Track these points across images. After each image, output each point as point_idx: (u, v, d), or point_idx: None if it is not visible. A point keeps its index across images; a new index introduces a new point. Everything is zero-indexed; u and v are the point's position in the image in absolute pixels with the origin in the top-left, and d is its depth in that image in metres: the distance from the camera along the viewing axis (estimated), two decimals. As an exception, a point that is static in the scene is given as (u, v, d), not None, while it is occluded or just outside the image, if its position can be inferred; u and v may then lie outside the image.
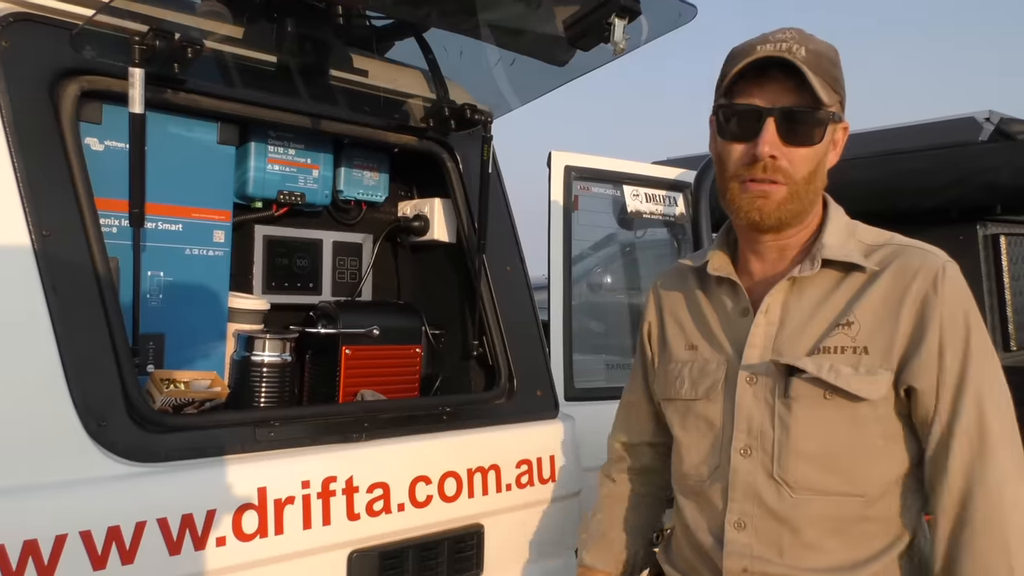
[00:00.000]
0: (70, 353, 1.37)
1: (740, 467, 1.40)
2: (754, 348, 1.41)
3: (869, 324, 1.34)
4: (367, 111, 1.99)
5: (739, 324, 1.46)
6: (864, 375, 1.31)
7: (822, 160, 1.38)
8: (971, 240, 3.58)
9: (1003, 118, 3.52)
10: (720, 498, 1.43)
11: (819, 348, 1.35)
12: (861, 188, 3.61)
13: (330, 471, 1.61)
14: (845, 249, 1.39)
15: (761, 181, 1.36)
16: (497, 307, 2.08)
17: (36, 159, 1.41)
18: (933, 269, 1.33)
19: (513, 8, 1.83)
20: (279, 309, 2.12)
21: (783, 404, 1.37)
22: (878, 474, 1.33)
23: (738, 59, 1.37)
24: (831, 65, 1.35)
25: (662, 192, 3.26)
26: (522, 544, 1.94)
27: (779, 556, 1.36)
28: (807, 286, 1.41)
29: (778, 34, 1.36)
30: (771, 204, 1.37)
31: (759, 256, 1.48)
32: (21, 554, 1.24)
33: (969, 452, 1.27)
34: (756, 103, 1.35)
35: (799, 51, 1.32)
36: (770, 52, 1.33)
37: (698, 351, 1.52)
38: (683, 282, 1.61)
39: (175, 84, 1.65)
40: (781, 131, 1.34)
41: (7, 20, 1.43)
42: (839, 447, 1.33)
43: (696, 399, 1.49)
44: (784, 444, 1.36)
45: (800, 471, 1.35)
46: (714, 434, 1.45)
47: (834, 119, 1.36)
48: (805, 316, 1.39)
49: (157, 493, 1.41)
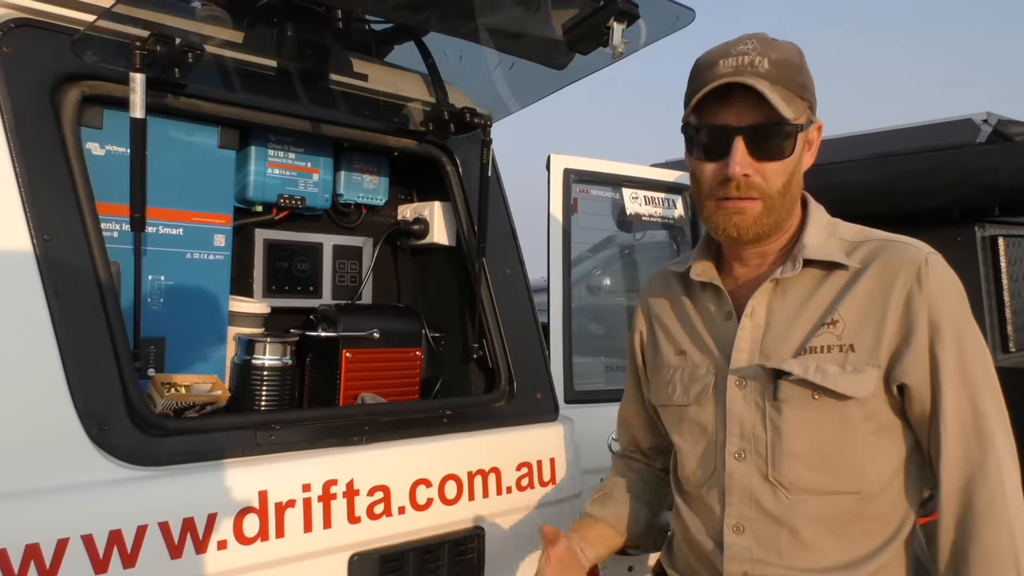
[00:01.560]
0: (71, 357, 1.37)
1: (735, 471, 1.41)
2: (741, 352, 1.42)
3: (854, 322, 1.34)
4: (367, 115, 1.99)
5: (724, 328, 1.47)
6: (851, 373, 1.32)
7: (795, 169, 1.39)
8: (969, 242, 3.59)
9: (1000, 119, 3.53)
10: (717, 502, 1.43)
11: (805, 348, 1.36)
12: (859, 190, 3.62)
13: (331, 474, 1.61)
14: (826, 248, 1.40)
15: (735, 199, 1.36)
16: (497, 310, 2.08)
17: (37, 164, 1.42)
18: (916, 263, 1.33)
19: (512, 12, 1.84)
20: (279, 313, 2.12)
21: (773, 407, 1.37)
22: (874, 471, 1.34)
23: (701, 74, 1.37)
24: (796, 72, 1.35)
25: (661, 194, 3.27)
26: (523, 546, 1.94)
27: (778, 558, 1.37)
28: (790, 287, 1.41)
29: (740, 46, 1.34)
30: (748, 219, 1.37)
31: (741, 261, 1.49)
32: (23, 558, 1.25)
33: (966, 442, 1.28)
34: (724, 122, 1.34)
35: (762, 64, 1.31)
36: (731, 72, 1.32)
37: (687, 356, 1.52)
38: (668, 288, 1.62)
39: (176, 89, 1.65)
40: (751, 147, 1.33)
41: (8, 26, 1.44)
42: (831, 446, 1.34)
43: (688, 405, 1.49)
44: (777, 446, 1.37)
45: (794, 472, 1.36)
46: (707, 439, 1.46)
47: (803, 129, 1.36)
48: (790, 317, 1.40)
49: (158, 497, 1.41)
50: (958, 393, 1.29)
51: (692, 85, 1.39)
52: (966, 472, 1.28)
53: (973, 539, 1.26)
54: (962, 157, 3.51)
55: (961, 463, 1.28)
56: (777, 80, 1.31)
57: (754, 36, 1.36)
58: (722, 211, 1.38)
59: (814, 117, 1.41)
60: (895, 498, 1.36)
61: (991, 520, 1.25)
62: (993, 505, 1.26)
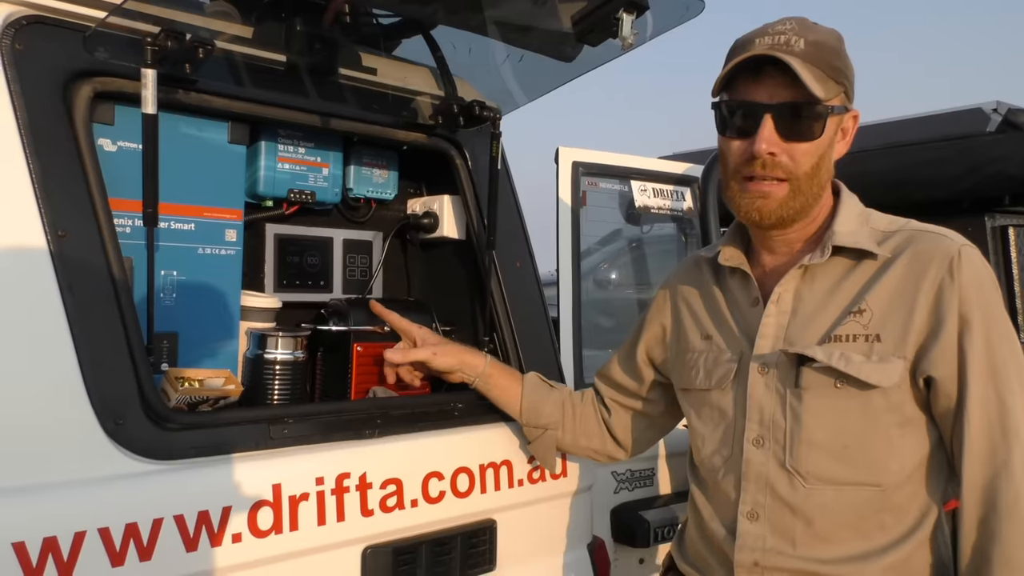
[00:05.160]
0: (87, 352, 1.38)
1: (753, 457, 1.40)
2: (765, 338, 1.41)
3: (882, 311, 1.33)
4: (376, 109, 1.99)
5: (750, 314, 1.46)
6: (876, 363, 1.30)
7: (826, 153, 1.37)
8: (979, 231, 3.57)
9: (1011, 109, 3.51)
10: (733, 488, 1.43)
11: (830, 336, 1.35)
12: (869, 180, 3.60)
13: (344, 468, 1.62)
14: (856, 236, 1.38)
15: (761, 179, 1.35)
16: (507, 303, 2.08)
17: (51, 161, 1.42)
18: (948, 254, 1.31)
19: (521, 4, 1.83)
20: (290, 307, 2.13)
21: (794, 394, 1.36)
22: (895, 464, 1.33)
23: (736, 53, 1.36)
24: (833, 55, 1.33)
25: (670, 187, 3.26)
26: (535, 539, 1.94)
27: (792, 547, 1.36)
28: (818, 274, 1.40)
29: (778, 26, 1.34)
30: (771, 204, 1.36)
31: (768, 248, 1.48)
32: (41, 551, 1.26)
33: (992, 439, 1.26)
34: (754, 99, 1.34)
35: (797, 44, 1.30)
36: (766, 48, 1.31)
37: (712, 341, 1.52)
38: (698, 273, 1.62)
39: (187, 84, 1.65)
40: (780, 127, 1.32)
41: (20, 23, 1.44)
42: (851, 436, 1.33)
43: (710, 389, 1.49)
44: (796, 434, 1.36)
45: (812, 461, 1.35)
46: (727, 424, 1.46)
47: (835, 112, 1.35)
48: (817, 304, 1.39)
49: (174, 490, 1.42)
50: (985, 388, 1.26)
51: (727, 62, 1.38)
52: (990, 469, 1.26)
53: (995, 538, 1.24)
54: (972, 146, 3.49)
55: (986, 460, 1.26)
56: (811, 60, 1.30)
57: (794, 18, 1.35)
58: (746, 193, 1.37)
59: (850, 104, 1.39)
60: (915, 492, 1.34)
61: (1015, 519, 1.23)
62: (1018, 504, 1.23)
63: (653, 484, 2.95)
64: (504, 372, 1.80)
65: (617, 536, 2.81)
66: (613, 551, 2.77)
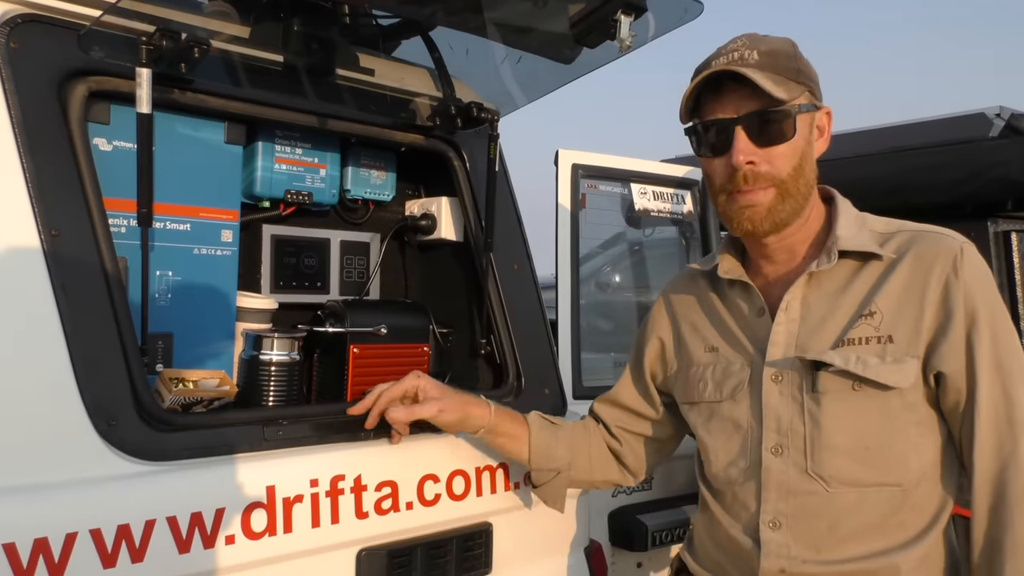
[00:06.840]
0: (80, 353, 1.37)
1: (772, 466, 1.40)
2: (777, 346, 1.42)
3: (892, 312, 1.34)
4: (374, 110, 1.99)
5: (757, 324, 1.46)
6: (891, 364, 1.32)
7: (805, 152, 1.40)
8: (982, 237, 3.56)
9: (1013, 114, 3.50)
10: (753, 498, 1.42)
11: (843, 340, 1.36)
12: (871, 184, 3.59)
13: (339, 470, 1.61)
14: (859, 239, 1.40)
15: (746, 191, 1.38)
16: (505, 305, 2.08)
17: (45, 160, 1.42)
18: (952, 252, 1.34)
19: (519, 6, 1.83)
20: (287, 308, 2.12)
21: (812, 399, 1.37)
22: (915, 462, 1.35)
23: (695, 76, 1.41)
24: (787, 59, 1.37)
25: (670, 190, 3.25)
26: (531, 543, 1.93)
27: (816, 553, 1.36)
28: (824, 279, 1.42)
29: (730, 44, 1.39)
30: (761, 211, 1.39)
31: (767, 257, 1.48)
32: (32, 552, 1.25)
33: (1000, 431, 1.29)
34: (721, 116, 1.38)
35: (751, 56, 1.34)
36: (722, 65, 1.36)
37: (719, 353, 1.52)
38: (694, 286, 1.62)
39: (182, 84, 1.65)
40: (752, 136, 1.36)
41: (15, 21, 1.44)
42: (872, 438, 1.34)
43: (721, 401, 1.49)
44: (816, 439, 1.36)
45: (834, 465, 1.35)
46: (742, 435, 1.45)
47: (803, 110, 1.37)
48: (825, 309, 1.40)
49: (167, 492, 1.41)
50: (992, 382, 1.29)
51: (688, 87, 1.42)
52: (999, 460, 1.28)
53: (1007, 527, 1.26)
54: (974, 152, 3.48)
55: (995, 452, 1.29)
56: (767, 68, 1.34)
57: (745, 35, 1.41)
58: (735, 205, 1.40)
59: (818, 102, 1.42)
60: (932, 489, 1.37)
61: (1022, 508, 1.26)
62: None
63: (651, 488, 2.94)
64: (508, 418, 1.73)
65: (615, 540, 2.80)
66: (610, 555, 2.76)
